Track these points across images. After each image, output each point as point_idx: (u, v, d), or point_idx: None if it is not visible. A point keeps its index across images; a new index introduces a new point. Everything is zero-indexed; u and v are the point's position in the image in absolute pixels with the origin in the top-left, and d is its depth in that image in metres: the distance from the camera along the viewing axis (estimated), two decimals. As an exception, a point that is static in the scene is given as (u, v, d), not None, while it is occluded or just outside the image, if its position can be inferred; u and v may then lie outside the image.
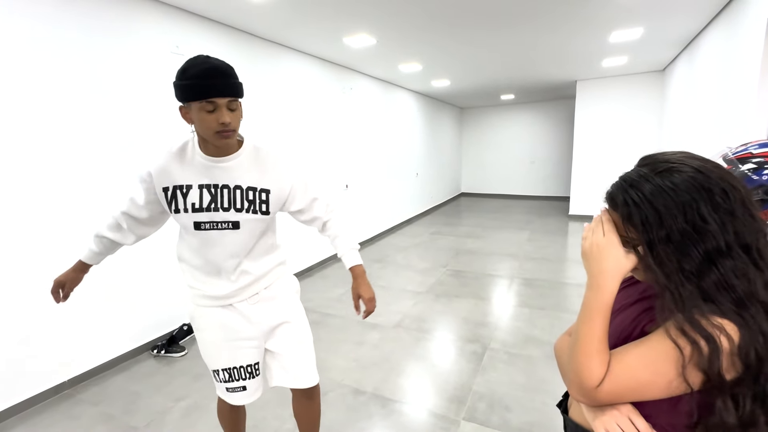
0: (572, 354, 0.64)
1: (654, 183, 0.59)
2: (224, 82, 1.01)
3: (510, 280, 3.86)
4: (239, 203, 1.14)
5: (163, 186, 1.13)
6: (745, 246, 0.55)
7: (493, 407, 1.99)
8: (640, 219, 0.59)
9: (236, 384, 1.31)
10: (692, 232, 0.55)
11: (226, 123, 1.02)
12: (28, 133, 2.03)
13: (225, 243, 1.16)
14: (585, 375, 0.61)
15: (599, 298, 0.62)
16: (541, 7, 3.00)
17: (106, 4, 2.32)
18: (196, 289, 1.24)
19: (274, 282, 1.31)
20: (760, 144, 1.28)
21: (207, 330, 1.28)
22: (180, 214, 1.15)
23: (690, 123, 4.20)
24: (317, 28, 3.31)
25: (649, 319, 0.64)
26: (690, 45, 4.25)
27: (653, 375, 0.57)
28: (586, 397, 0.63)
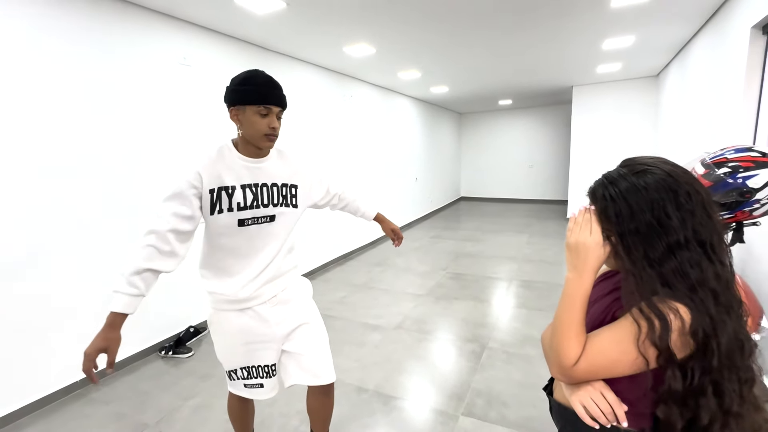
0: (553, 337, 0.72)
1: (630, 181, 0.68)
2: (279, 94, 1.20)
3: (509, 283, 3.93)
4: (276, 199, 1.28)
5: (210, 188, 1.18)
6: (701, 241, 0.64)
7: (491, 403, 2.06)
8: (614, 212, 0.68)
9: (254, 381, 1.38)
10: (657, 225, 0.64)
11: (276, 127, 1.20)
12: (38, 141, 2.13)
13: (263, 235, 1.27)
14: (564, 355, 0.69)
15: (582, 287, 0.70)
16: (536, 17, 3.11)
17: (117, 17, 2.43)
18: (219, 294, 1.28)
19: (291, 284, 1.40)
20: (735, 149, 1.37)
21: (225, 334, 1.34)
22: (223, 215, 1.19)
23: (683, 127, 4.30)
24: (319, 39, 3.42)
25: (619, 307, 0.73)
26: (681, 52, 4.36)
27: (620, 354, 0.66)
28: (564, 375, 0.72)
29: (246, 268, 1.28)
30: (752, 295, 1.56)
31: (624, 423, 0.69)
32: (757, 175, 1.26)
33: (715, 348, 0.61)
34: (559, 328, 0.71)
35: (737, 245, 2.42)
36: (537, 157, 9.23)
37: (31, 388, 2.12)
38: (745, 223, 1.38)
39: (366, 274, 4.40)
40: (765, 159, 1.27)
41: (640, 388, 0.68)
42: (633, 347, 0.64)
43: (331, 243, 4.74)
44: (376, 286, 3.99)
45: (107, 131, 2.41)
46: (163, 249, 1.12)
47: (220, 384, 2.33)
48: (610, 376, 0.69)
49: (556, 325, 0.72)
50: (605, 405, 0.69)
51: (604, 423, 0.69)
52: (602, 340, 0.68)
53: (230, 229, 1.23)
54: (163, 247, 1.12)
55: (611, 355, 0.67)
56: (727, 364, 0.62)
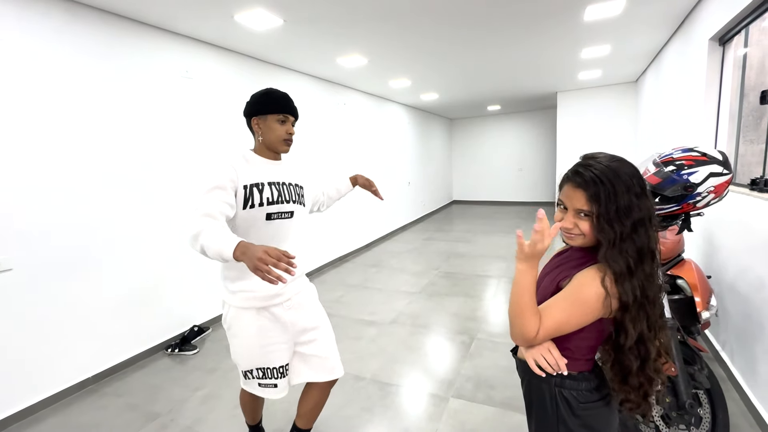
0: (515, 318, 0.88)
1: (606, 166, 0.83)
2: (294, 106, 1.44)
3: (498, 280, 4.13)
4: (294, 196, 1.44)
5: (244, 183, 1.30)
6: (650, 218, 0.83)
7: (479, 386, 2.24)
8: (603, 195, 0.81)
9: (268, 381, 1.46)
10: (628, 206, 0.81)
11: (292, 133, 1.42)
12: (43, 151, 2.28)
13: (286, 229, 1.41)
14: (526, 331, 0.86)
15: (532, 277, 0.86)
16: (515, 31, 3.34)
17: (124, 32, 2.61)
18: (248, 292, 1.36)
19: (303, 288, 1.52)
20: (682, 150, 1.58)
21: (243, 336, 1.41)
22: (254, 209, 1.31)
23: (659, 129, 4.56)
24: (313, 51, 3.62)
25: (563, 276, 0.91)
26: (656, 59, 4.63)
27: (569, 316, 0.84)
28: (528, 344, 0.90)
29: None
30: (703, 277, 1.76)
31: (565, 372, 0.88)
32: (697, 171, 1.46)
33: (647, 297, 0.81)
34: (519, 309, 0.86)
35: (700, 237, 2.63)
36: (526, 160, 9.50)
37: (47, 383, 2.25)
38: (691, 213, 1.57)
39: (361, 274, 4.56)
40: (704, 158, 1.47)
41: (581, 340, 0.88)
42: (577, 309, 0.83)
43: (326, 245, 4.90)
44: (371, 285, 4.16)
45: (115, 139, 2.57)
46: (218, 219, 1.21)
47: (225, 376, 2.47)
48: (563, 333, 0.87)
49: (516, 308, 0.87)
50: (551, 358, 0.88)
51: (550, 372, 0.88)
52: (553, 309, 0.86)
53: (259, 222, 1.33)
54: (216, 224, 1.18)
55: (561, 318, 0.84)
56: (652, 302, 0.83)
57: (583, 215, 0.86)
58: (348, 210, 5.35)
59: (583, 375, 0.91)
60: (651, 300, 0.82)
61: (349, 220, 5.39)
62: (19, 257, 2.12)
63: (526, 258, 0.85)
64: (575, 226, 0.88)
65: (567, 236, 0.91)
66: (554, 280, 0.93)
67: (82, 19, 2.38)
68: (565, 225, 0.89)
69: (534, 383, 0.95)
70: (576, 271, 0.88)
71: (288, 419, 2.02)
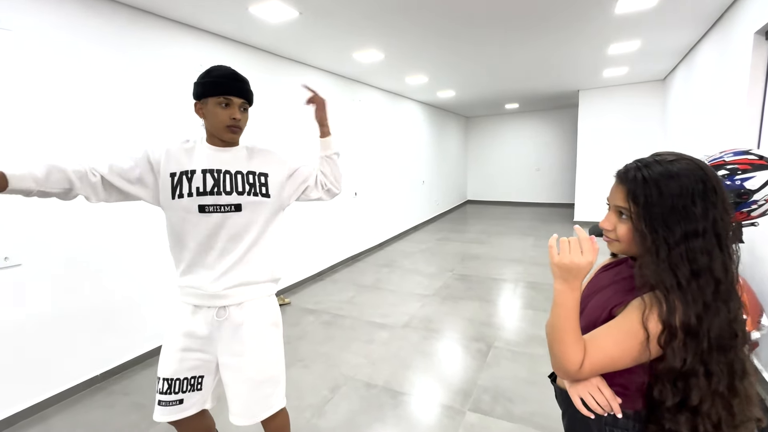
0: (554, 346, 0.76)
1: (663, 167, 0.71)
2: (241, 86, 1.21)
3: (515, 284, 3.98)
4: (240, 186, 1.23)
5: (171, 171, 1.19)
6: (717, 234, 0.68)
7: (497, 399, 2.12)
8: (644, 194, 0.70)
9: (173, 397, 1.24)
10: (681, 211, 0.68)
11: (237, 118, 1.20)
12: (56, 140, 2.25)
13: (230, 226, 1.21)
14: (568, 362, 0.73)
15: (574, 297, 0.74)
16: (542, 24, 3.18)
17: (138, 25, 2.55)
18: (191, 288, 1.24)
19: (250, 302, 1.26)
20: (734, 152, 1.43)
21: (169, 334, 1.27)
22: (183, 199, 1.18)
23: (690, 131, 4.33)
24: (329, 46, 3.53)
25: (617, 302, 0.78)
26: (687, 56, 4.39)
27: (622, 351, 0.71)
28: (570, 378, 0.77)
29: (218, 262, 1.22)
30: (752, 294, 1.61)
31: (618, 414, 0.75)
32: (754, 177, 1.31)
33: (705, 332, 0.66)
34: (558, 336, 0.74)
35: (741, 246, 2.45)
36: (543, 160, 9.25)
37: (56, 380, 2.22)
38: (743, 223, 1.42)
39: (373, 274, 4.47)
40: (762, 162, 1.32)
41: (636, 375, 0.74)
42: (634, 345, 0.69)
43: (339, 244, 4.83)
44: (383, 286, 4.06)
45: (127, 133, 2.52)
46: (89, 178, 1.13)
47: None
48: (611, 371, 0.74)
49: (555, 334, 0.75)
50: (602, 399, 0.75)
51: (600, 414, 0.75)
52: (604, 341, 0.73)
53: (192, 215, 1.19)
54: (89, 177, 1.13)
55: (614, 354, 0.71)
56: (717, 347, 0.67)
57: (622, 216, 0.75)
58: (361, 209, 5.26)
59: (638, 415, 0.78)
60: (716, 343, 0.66)
61: (361, 218, 5.30)
62: (29, 252, 2.09)
63: (563, 276, 0.73)
64: (614, 228, 0.77)
65: (606, 239, 0.80)
66: (604, 305, 0.80)
67: (95, 10, 2.33)
68: (603, 224, 0.79)
69: (578, 419, 0.83)
70: (632, 297, 0.75)
71: None
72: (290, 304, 3.66)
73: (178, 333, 1.26)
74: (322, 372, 2.45)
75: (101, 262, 2.41)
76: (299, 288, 4.08)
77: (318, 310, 3.46)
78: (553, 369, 0.80)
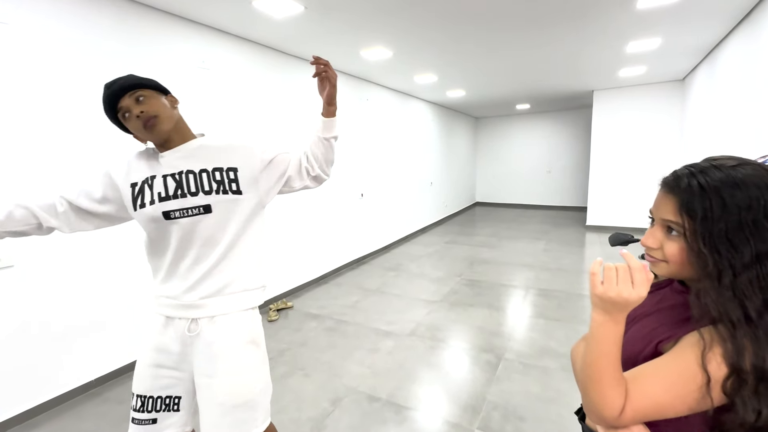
0: (589, 387, 0.63)
1: (725, 173, 0.59)
2: (119, 84, 1.06)
3: (525, 291, 3.83)
4: (207, 185, 1.10)
5: (132, 182, 1.13)
6: None
7: (507, 417, 1.98)
8: (702, 206, 0.58)
9: (146, 415, 1.15)
10: (752, 227, 0.56)
11: (142, 112, 1.05)
12: (54, 137, 2.17)
13: (200, 230, 1.10)
14: (606, 407, 0.61)
15: (618, 332, 0.61)
16: (557, 19, 3.03)
17: (138, 19, 2.48)
18: (165, 298, 1.15)
19: (224, 317, 1.14)
20: None
21: (147, 349, 1.18)
22: (146, 208, 1.09)
23: (712, 133, 4.13)
24: (336, 42, 3.42)
25: (665, 336, 0.65)
26: (710, 54, 4.20)
27: (674, 398, 0.58)
28: (606, 425, 0.63)
29: (192, 270, 1.13)
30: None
31: None
32: None
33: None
34: (595, 376, 0.62)
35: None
36: (555, 162, 9.04)
37: (48, 386, 2.14)
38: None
39: (379, 278, 4.36)
40: None
41: (690, 425, 0.61)
42: (690, 391, 0.57)
43: (343, 246, 4.72)
44: (389, 291, 3.95)
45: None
46: (56, 209, 1.12)
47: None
48: (659, 419, 0.61)
49: (591, 373, 0.63)
50: None
51: None
52: (650, 384, 0.60)
53: (160, 224, 1.10)
54: (56, 208, 1.12)
55: (663, 399, 0.59)
56: None
57: (672, 232, 0.62)
58: (367, 210, 5.15)
59: None
60: None
61: (367, 220, 5.19)
62: (22, 253, 2.02)
63: (604, 306, 0.60)
64: (660, 247, 0.64)
65: (649, 259, 0.67)
66: (648, 338, 0.67)
67: (94, 3, 2.25)
68: (647, 241, 0.65)
69: None
70: (683, 331, 0.62)
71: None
72: (293, 307, 3.56)
73: (150, 347, 1.16)
74: (323, 382, 2.34)
75: (98, 263, 2.33)
76: (302, 291, 3.98)
77: (321, 315, 3.36)
78: (586, 412, 0.68)
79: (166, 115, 1.11)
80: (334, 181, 4.48)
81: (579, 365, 0.70)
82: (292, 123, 3.77)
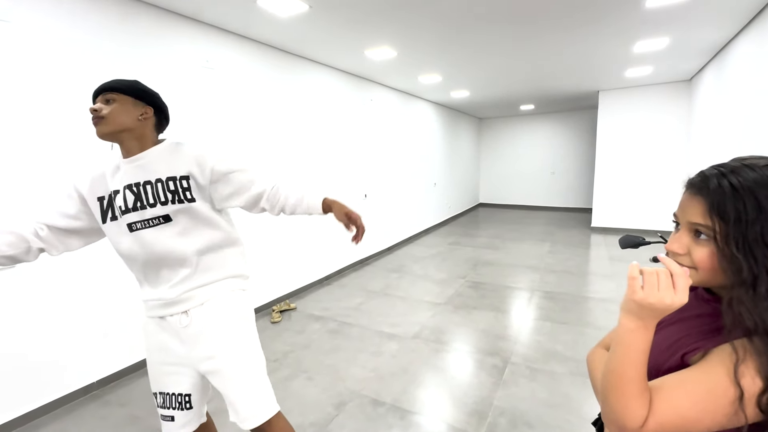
0: (611, 396, 0.60)
1: (758, 173, 0.55)
2: (103, 84, 1.13)
3: (531, 293, 3.79)
4: (163, 196, 1.11)
5: (98, 196, 1.14)
6: None
7: (515, 423, 1.94)
8: (735, 208, 0.55)
9: (166, 411, 1.22)
10: None
11: (93, 108, 1.08)
12: (59, 136, 2.15)
13: (163, 239, 1.12)
14: (628, 418, 0.58)
15: (646, 342, 0.58)
16: (563, 18, 3.00)
17: (142, 18, 2.46)
18: (152, 300, 1.19)
19: (211, 300, 1.18)
20: None
21: (148, 350, 1.25)
22: (114, 222, 1.13)
23: (720, 134, 4.07)
24: (340, 42, 3.40)
25: (691, 348, 0.62)
26: (719, 54, 4.15)
27: (701, 413, 0.55)
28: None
29: (172, 274, 1.15)
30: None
31: None
32: None
33: None
34: (619, 384, 0.59)
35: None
36: (559, 163, 8.98)
37: (49, 388, 2.12)
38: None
39: (382, 280, 4.32)
40: None
41: None
42: (720, 406, 0.53)
43: (347, 248, 4.69)
44: (392, 293, 3.91)
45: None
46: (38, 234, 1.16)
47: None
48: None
49: (615, 381, 0.60)
50: None
51: None
52: (677, 396, 0.57)
53: (125, 236, 1.13)
54: (38, 232, 1.16)
55: (689, 415, 0.55)
56: None
57: (701, 236, 0.59)
58: (370, 211, 5.12)
59: None
60: None
61: (371, 221, 5.16)
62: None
63: (639, 314, 0.57)
64: (687, 252, 0.60)
65: None
66: (673, 348, 0.64)
67: (97, 3, 2.23)
68: (672, 246, 0.62)
69: None
70: (712, 343, 0.59)
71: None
72: (296, 309, 3.53)
73: (153, 348, 1.23)
74: (327, 386, 2.31)
75: (99, 265, 2.31)
76: (305, 292, 3.96)
77: (324, 317, 3.33)
78: (605, 422, 0.64)
79: (113, 120, 1.10)
80: (338, 182, 4.45)
81: (600, 372, 0.67)
82: (295, 123, 3.75)
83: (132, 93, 1.14)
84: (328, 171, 4.28)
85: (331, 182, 4.35)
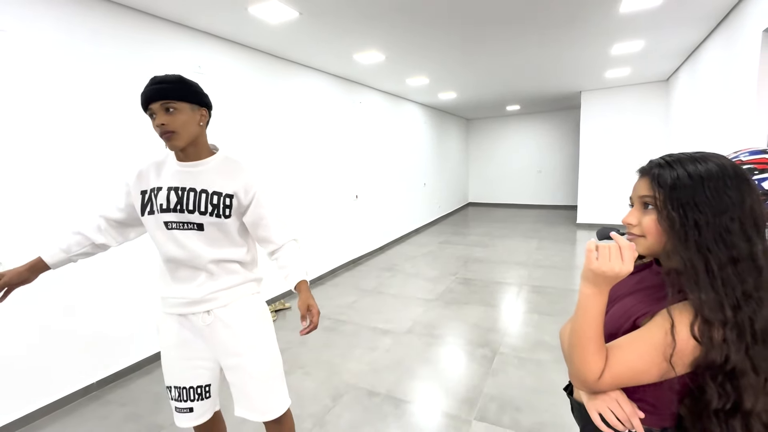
0: (573, 353, 0.71)
1: (689, 155, 0.68)
2: (156, 88, 1.10)
3: (519, 288, 3.91)
4: (203, 206, 1.18)
5: (141, 189, 1.22)
6: (756, 221, 0.63)
7: (504, 408, 2.05)
8: (671, 176, 0.66)
9: (183, 404, 1.29)
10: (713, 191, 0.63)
11: (162, 123, 1.10)
12: (54, 142, 2.20)
13: (191, 243, 1.19)
14: (588, 371, 0.68)
15: (602, 302, 0.69)
16: (544, 22, 3.13)
17: (134, 25, 2.51)
18: (172, 298, 1.24)
19: (235, 302, 1.26)
20: (750, 152, 1.37)
21: (164, 347, 1.30)
22: (153, 216, 1.19)
23: (695, 131, 4.27)
24: (330, 47, 3.48)
25: (641, 313, 0.72)
26: (691, 56, 4.35)
27: (648, 365, 0.65)
28: (588, 389, 0.72)
29: (194, 275, 1.22)
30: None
31: (640, 431, 0.69)
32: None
33: (748, 324, 0.61)
34: (580, 342, 0.69)
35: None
36: (545, 162, 9.20)
37: (50, 389, 2.15)
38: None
39: (375, 279, 4.41)
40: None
41: (663, 390, 0.68)
42: (661, 359, 0.64)
43: (339, 248, 4.77)
44: (385, 291, 4.00)
45: (123, 138, 2.47)
46: (99, 227, 1.29)
47: (232, 387, 2.34)
48: (634, 384, 0.69)
49: (576, 340, 0.70)
50: (621, 414, 0.69)
51: (621, 430, 0.69)
52: (627, 352, 0.67)
53: (159, 231, 1.20)
54: (99, 225, 1.29)
55: (637, 366, 0.66)
56: (763, 342, 0.61)
57: (648, 207, 0.70)
58: (362, 212, 5.21)
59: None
60: (762, 337, 0.61)
61: (362, 221, 5.24)
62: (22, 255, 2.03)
63: (595, 281, 0.68)
64: (639, 222, 0.72)
65: (630, 237, 0.74)
66: (627, 314, 0.74)
67: (91, 10, 2.29)
68: (628, 219, 0.74)
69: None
70: (659, 307, 0.69)
71: (297, 439, 1.87)
72: (291, 308, 3.59)
73: (172, 345, 1.28)
74: (323, 379, 2.39)
75: (99, 266, 2.35)
76: (300, 293, 4.01)
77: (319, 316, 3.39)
78: (570, 378, 0.75)
79: (185, 132, 1.14)
80: (330, 184, 4.53)
81: (566, 338, 0.77)
82: (286, 126, 3.82)
83: (190, 99, 1.15)
84: (319, 173, 4.35)
85: (323, 184, 4.42)
